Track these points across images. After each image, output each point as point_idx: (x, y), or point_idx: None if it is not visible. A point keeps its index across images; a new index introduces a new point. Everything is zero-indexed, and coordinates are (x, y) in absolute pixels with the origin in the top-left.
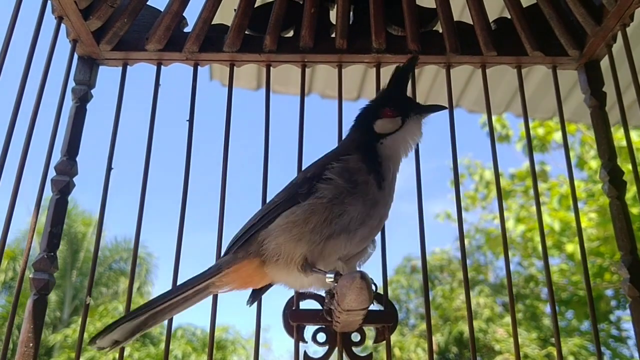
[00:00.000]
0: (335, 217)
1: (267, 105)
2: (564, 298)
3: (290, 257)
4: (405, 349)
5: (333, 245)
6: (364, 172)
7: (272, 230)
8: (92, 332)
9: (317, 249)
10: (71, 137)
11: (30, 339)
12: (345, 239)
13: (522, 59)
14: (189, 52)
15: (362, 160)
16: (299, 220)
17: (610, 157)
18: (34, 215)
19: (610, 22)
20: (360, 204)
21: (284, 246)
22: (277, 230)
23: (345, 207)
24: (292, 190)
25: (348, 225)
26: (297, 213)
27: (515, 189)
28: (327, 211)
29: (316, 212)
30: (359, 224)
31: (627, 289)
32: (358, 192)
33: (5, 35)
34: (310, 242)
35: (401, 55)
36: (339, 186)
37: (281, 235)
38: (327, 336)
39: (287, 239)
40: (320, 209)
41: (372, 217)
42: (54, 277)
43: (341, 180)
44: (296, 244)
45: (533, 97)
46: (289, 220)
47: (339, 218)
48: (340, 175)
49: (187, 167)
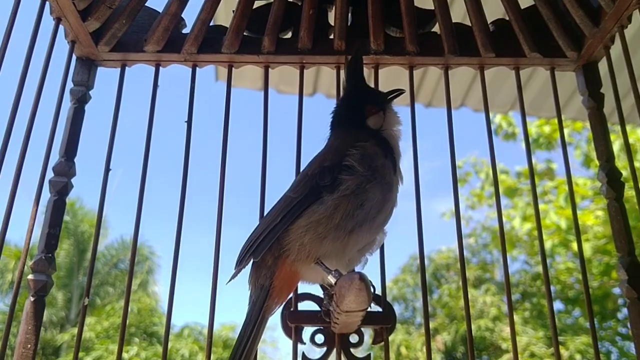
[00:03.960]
0: (357, 207)
1: (265, 105)
2: (570, 296)
3: (313, 254)
4: (411, 347)
5: (356, 238)
6: (381, 156)
7: (295, 231)
8: (99, 332)
9: (342, 244)
10: (69, 138)
11: (29, 340)
12: (367, 228)
13: (520, 61)
14: (188, 54)
15: (378, 145)
16: (323, 218)
17: (608, 158)
18: (31, 217)
19: (608, 24)
20: (379, 190)
21: (309, 245)
22: (300, 230)
23: (366, 194)
24: (310, 183)
25: (368, 213)
26: (321, 211)
27: (522, 187)
28: (350, 204)
29: (340, 207)
30: (376, 210)
31: (625, 290)
32: (377, 178)
33: (4, 37)
34: (335, 238)
35: (399, 57)
36: (360, 174)
37: (305, 235)
38: (325, 337)
39: (312, 238)
40: (344, 203)
41: (388, 202)
42: (52, 279)
43: (362, 167)
44: (321, 242)
45: (537, 97)
46: (313, 220)
47: (360, 208)
48: (361, 161)
49: (185, 169)
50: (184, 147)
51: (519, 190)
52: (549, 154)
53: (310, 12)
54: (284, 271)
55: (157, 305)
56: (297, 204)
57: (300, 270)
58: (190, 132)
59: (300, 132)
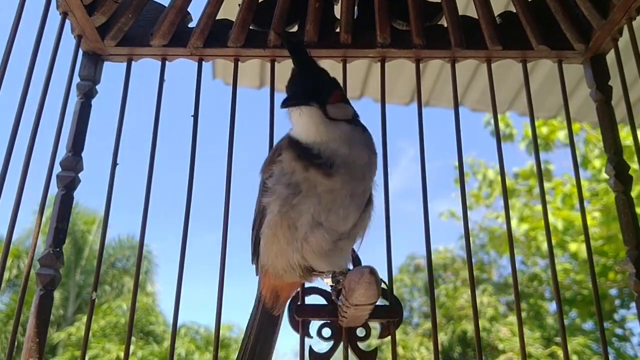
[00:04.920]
0: (296, 220)
1: (271, 101)
2: (567, 297)
3: (289, 268)
4: (408, 347)
5: (317, 240)
6: (300, 171)
7: (261, 251)
8: (96, 330)
9: (305, 250)
10: (76, 132)
11: (37, 334)
12: (323, 229)
13: (527, 53)
14: (194, 48)
15: (296, 158)
16: (268, 241)
17: (615, 151)
18: (39, 212)
19: (616, 16)
20: (314, 199)
21: (278, 262)
22: (263, 251)
23: (299, 207)
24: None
25: (314, 219)
26: (266, 233)
27: (519, 188)
28: (285, 220)
29: (277, 226)
30: (326, 213)
31: (633, 284)
32: (303, 191)
33: (10, 32)
34: (294, 249)
35: (406, 50)
36: (282, 195)
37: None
38: (332, 331)
39: (275, 255)
40: (278, 223)
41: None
42: (59, 273)
43: (281, 186)
44: (283, 257)
45: (537, 96)
46: (265, 242)
47: (301, 219)
48: (279, 181)
49: (191, 164)
50: (190, 143)
51: (516, 191)
52: (547, 155)
53: (317, 5)
54: (268, 283)
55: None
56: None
57: (288, 279)
58: (196, 127)
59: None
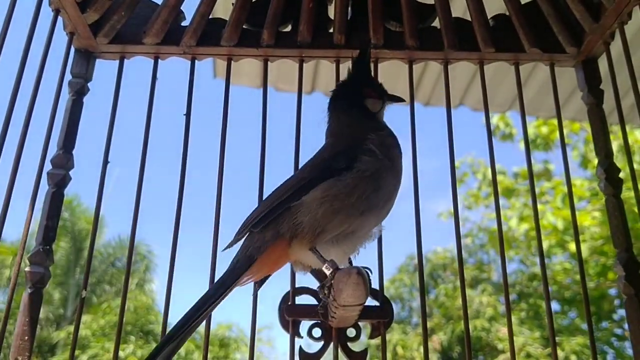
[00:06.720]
0: (373, 191)
1: (264, 100)
2: (567, 297)
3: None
4: (408, 347)
5: (364, 221)
6: (394, 147)
7: (307, 204)
8: (96, 330)
9: (350, 226)
10: (67, 130)
11: (26, 332)
12: (376, 214)
13: (520, 56)
14: (187, 46)
15: (390, 134)
16: (341, 193)
17: (606, 154)
18: (29, 209)
19: (608, 20)
20: (392, 179)
21: (322, 219)
22: (314, 203)
23: (384, 180)
24: (323, 166)
25: (381, 199)
26: (339, 186)
27: (519, 187)
28: (368, 185)
29: (358, 186)
30: (387, 198)
31: (623, 287)
32: (394, 167)
33: (2, 28)
34: (346, 217)
35: (399, 51)
36: (379, 160)
37: (320, 207)
38: (322, 331)
39: (326, 211)
40: (362, 184)
41: (395, 192)
42: (49, 271)
43: (382, 154)
44: (334, 217)
45: (536, 96)
46: (330, 194)
47: (375, 192)
48: (380, 148)
49: (183, 162)
50: (183, 141)
51: (516, 190)
52: (547, 155)
53: (310, 5)
54: (278, 249)
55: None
56: (310, 181)
57: (295, 253)
58: (188, 125)
59: (299, 127)
